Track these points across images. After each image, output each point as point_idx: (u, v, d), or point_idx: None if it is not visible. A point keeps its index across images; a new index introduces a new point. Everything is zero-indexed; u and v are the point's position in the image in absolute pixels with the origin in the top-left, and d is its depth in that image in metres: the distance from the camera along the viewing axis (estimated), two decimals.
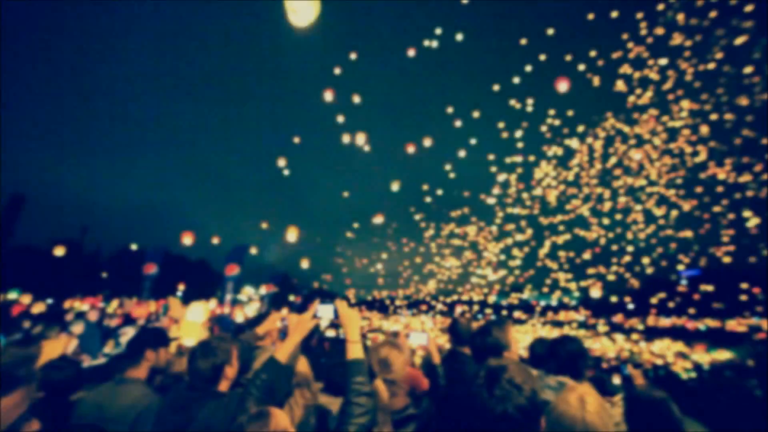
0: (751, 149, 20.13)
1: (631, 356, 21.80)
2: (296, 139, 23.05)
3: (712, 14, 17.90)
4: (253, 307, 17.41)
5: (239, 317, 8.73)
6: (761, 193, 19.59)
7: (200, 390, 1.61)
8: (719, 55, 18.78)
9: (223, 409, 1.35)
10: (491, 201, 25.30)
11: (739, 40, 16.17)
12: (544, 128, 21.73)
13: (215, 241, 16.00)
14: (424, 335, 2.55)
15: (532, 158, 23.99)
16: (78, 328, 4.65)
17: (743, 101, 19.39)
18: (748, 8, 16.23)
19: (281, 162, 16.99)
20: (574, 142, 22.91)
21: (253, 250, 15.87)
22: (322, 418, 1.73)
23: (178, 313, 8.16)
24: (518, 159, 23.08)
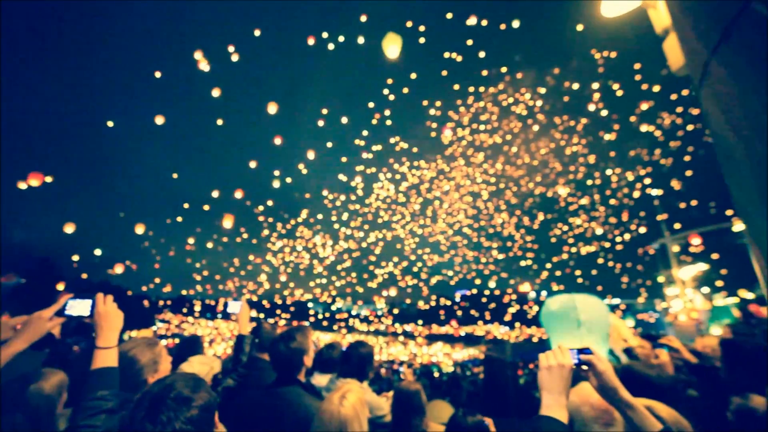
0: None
1: (414, 357, 26.70)
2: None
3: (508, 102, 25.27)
4: None
5: None
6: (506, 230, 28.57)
7: None
8: (500, 140, 26.53)
9: None
10: (329, 205, 26.73)
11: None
12: (391, 141, 24.89)
13: None
14: (238, 303, 2.47)
15: (373, 170, 27.06)
16: None
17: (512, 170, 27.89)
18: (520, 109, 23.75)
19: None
20: (404, 168, 27.36)
21: None
22: None
23: None
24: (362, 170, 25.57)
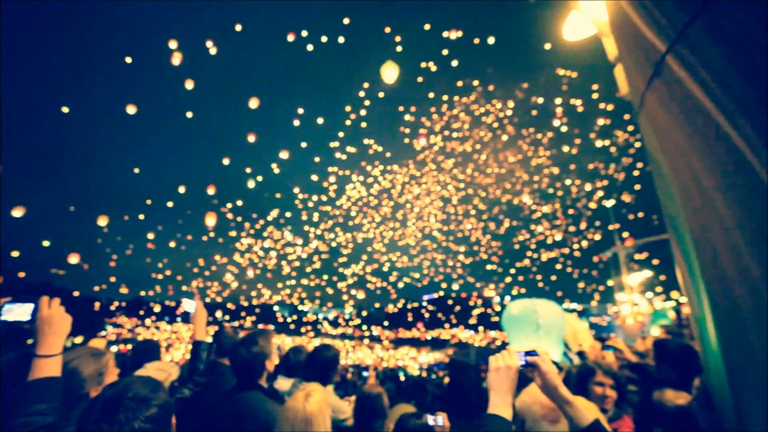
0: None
1: (381, 362, 26.76)
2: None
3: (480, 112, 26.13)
4: None
5: None
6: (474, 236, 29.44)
7: None
8: (469, 147, 27.38)
9: None
10: (300, 205, 26.41)
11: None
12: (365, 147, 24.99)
13: None
14: (193, 303, 2.28)
15: (346, 172, 27.04)
16: None
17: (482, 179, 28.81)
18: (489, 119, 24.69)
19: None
20: (376, 171, 27.57)
21: None
22: None
23: None
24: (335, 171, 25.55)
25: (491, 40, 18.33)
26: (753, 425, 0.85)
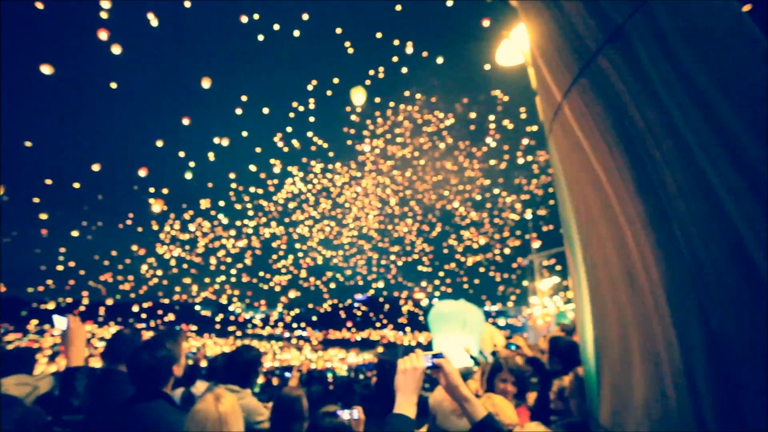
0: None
1: (310, 363, 26.25)
2: None
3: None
4: None
5: None
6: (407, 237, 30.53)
7: None
8: (410, 154, 28.33)
9: None
10: (233, 197, 24.83)
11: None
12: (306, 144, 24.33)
13: None
14: (64, 319, 1.87)
15: (286, 168, 26.08)
16: None
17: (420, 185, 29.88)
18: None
19: None
20: (317, 167, 27.14)
21: None
22: None
23: None
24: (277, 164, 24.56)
25: (440, 60, 19.35)
26: (608, 412, 1.01)
